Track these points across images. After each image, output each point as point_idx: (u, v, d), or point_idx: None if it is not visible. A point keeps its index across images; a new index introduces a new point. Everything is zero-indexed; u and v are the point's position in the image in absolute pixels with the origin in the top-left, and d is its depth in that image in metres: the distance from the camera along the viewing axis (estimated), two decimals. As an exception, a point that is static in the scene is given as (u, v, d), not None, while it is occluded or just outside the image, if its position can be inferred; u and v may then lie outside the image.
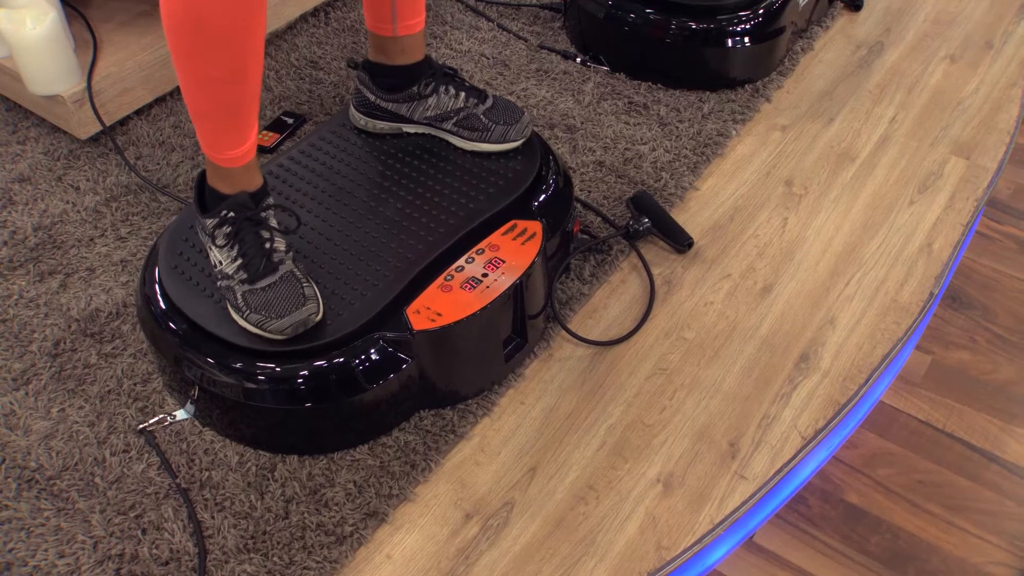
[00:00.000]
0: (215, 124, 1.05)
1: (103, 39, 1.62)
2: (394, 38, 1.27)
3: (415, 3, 1.25)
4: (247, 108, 1.05)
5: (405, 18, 1.25)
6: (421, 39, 1.29)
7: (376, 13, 1.25)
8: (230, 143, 1.06)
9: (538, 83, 1.74)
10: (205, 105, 1.03)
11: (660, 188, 1.53)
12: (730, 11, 1.70)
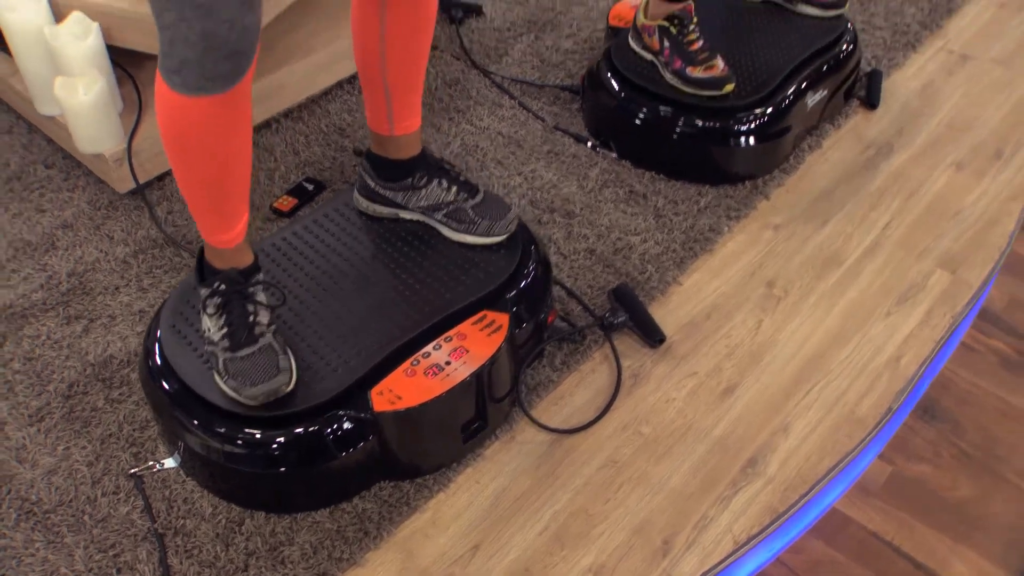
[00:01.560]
0: (205, 214, 1.17)
1: (148, 101, 1.78)
2: (391, 136, 1.38)
3: (410, 108, 1.36)
4: (232, 204, 1.17)
5: (400, 120, 1.37)
6: (416, 138, 1.40)
7: (375, 114, 1.37)
8: (219, 230, 1.19)
9: (547, 165, 1.84)
10: (195, 200, 1.16)
11: (644, 281, 1.61)
12: (737, 111, 1.77)
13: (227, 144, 1.09)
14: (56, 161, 1.85)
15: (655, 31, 1.80)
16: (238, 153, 1.12)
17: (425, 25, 1.28)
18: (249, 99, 1.08)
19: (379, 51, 1.29)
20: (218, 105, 1.03)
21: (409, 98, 1.35)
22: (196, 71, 0.99)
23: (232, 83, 1.01)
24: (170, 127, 1.06)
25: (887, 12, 2.29)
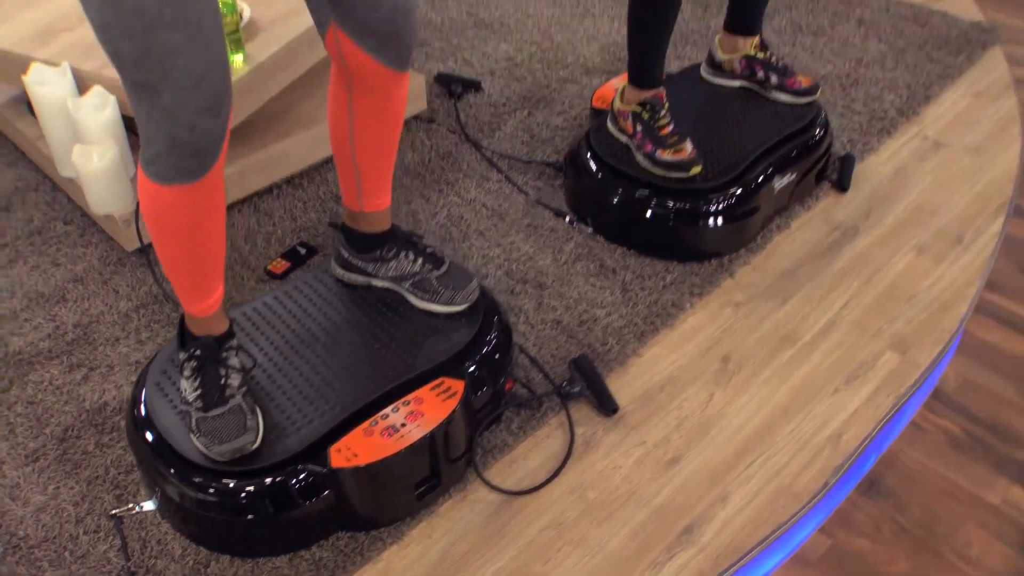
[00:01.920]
0: (182, 286, 1.30)
1: (159, 168, 1.93)
2: (361, 212, 1.51)
3: (379, 188, 1.49)
4: (206, 278, 1.30)
5: (370, 198, 1.49)
6: (386, 214, 1.53)
7: (347, 192, 1.50)
8: (195, 300, 1.32)
9: (526, 238, 1.96)
10: (172, 273, 1.29)
11: (605, 352, 1.71)
12: (706, 192, 1.88)
13: (199, 227, 1.22)
14: (74, 218, 2.01)
15: (629, 116, 1.92)
16: (210, 235, 1.25)
17: (390, 116, 1.41)
18: (220, 187, 1.22)
19: (349, 137, 1.43)
20: (189, 193, 1.16)
21: (378, 179, 1.48)
22: (167, 164, 1.12)
23: (199, 176, 1.15)
24: (148, 211, 1.20)
25: (867, 98, 2.40)
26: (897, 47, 2.62)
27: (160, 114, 1.06)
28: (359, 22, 1.26)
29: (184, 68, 1.03)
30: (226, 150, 1.18)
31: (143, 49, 1.00)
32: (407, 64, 1.35)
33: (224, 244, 1.31)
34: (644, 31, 1.82)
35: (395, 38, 1.29)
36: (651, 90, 1.89)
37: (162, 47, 1.00)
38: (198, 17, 1.02)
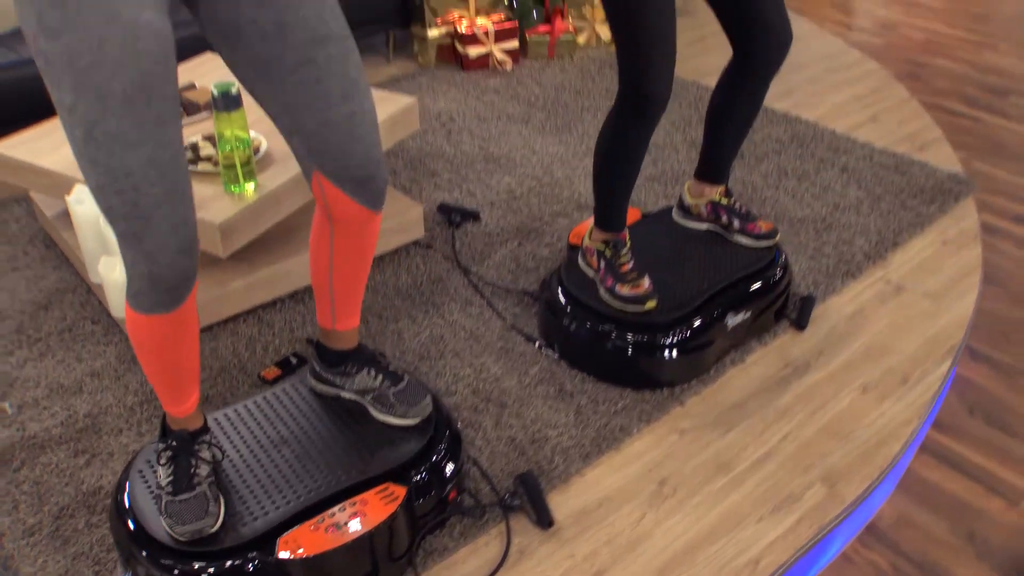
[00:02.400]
0: (161, 394, 1.52)
1: (176, 280, 2.18)
2: (333, 331, 1.72)
3: (350, 311, 1.70)
4: (181, 389, 1.51)
5: (341, 319, 1.71)
6: (354, 334, 1.74)
7: (322, 312, 1.71)
8: (172, 405, 1.53)
9: (496, 360, 2.14)
10: (152, 383, 1.51)
11: (551, 469, 1.86)
12: (661, 326, 2.05)
13: (174, 350, 1.44)
14: (100, 319, 2.26)
15: (595, 253, 2.12)
16: (183, 355, 1.47)
17: (364, 250, 1.63)
18: (192, 316, 1.43)
19: (328, 266, 1.65)
20: (165, 322, 1.38)
21: (349, 303, 1.69)
22: (147, 298, 1.35)
23: (174, 307, 1.37)
24: (132, 334, 1.42)
25: (838, 241, 2.57)
26: (875, 194, 2.79)
27: (143, 257, 1.29)
28: (336, 169, 1.49)
29: (164, 217, 1.26)
30: (197, 285, 1.40)
31: (131, 204, 1.24)
32: (380, 205, 1.57)
33: (197, 361, 1.52)
34: (607, 183, 2.03)
35: (369, 182, 1.52)
36: (614, 232, 2.09)
37: (146, 202, 1.24)
38: (174, 175, 1.26)
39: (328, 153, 1.45)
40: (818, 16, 4.54)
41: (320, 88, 1.38)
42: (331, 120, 1.41)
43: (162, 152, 1.23)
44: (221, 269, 2.21)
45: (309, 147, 1.45)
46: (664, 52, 1.81)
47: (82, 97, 1.16)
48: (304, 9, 1.34)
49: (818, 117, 3.31)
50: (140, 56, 1.17)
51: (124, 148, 1.19)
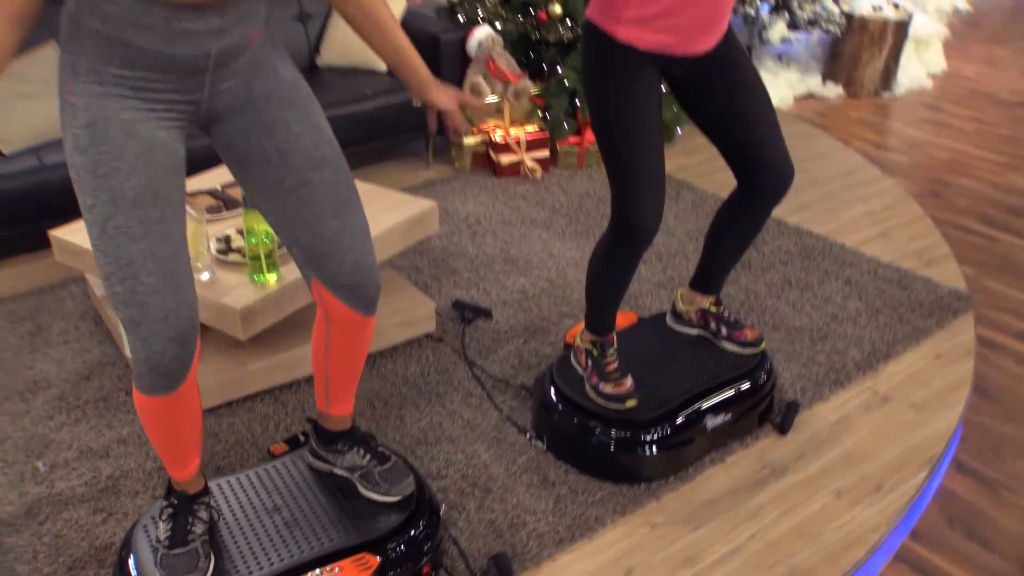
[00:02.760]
0: (165, 462, 1.70)
1: (203, 347, 2.40)
2: (327, 414, 1.90)
3: (344, 398, 1.88)
4: (182, 460, 1.69)
5: (335, 404, 1.88)
6: (348, 418, 1.91)
7: (319, 397, 1.89)
8: (174, 472, 1.71)
9: (487, 448, 2.29)
10: (157, 451, 1.69)
11: (524, 552, 1.98)
12: (642, 424, 2.17)
13: (173, 426, 1.63)
14: (134, 392, 2.48)
15: (584, 352, 2.27)
16: (184, 431, 1.65)
17: (358, 349, 1.81)
18: (190, 398, 1.61)
19: (324, 360, 1.84)
20: (164, 403, 1.57)
21: (343, 392, 1.87)
22: (147, 380, 1.54)
23: (170, 391, 1.56)
24: (138, 410, 1.62)
25: (831, 351, 2.67)
26: (874, 307, 2.90)
27: (140, 343, 1.49)
28: (329, 277, 1.69)
29: (159, 306, 1.46)
30: (195, 371, 1.59)
31: (131, 291, 1.44)
32: (372, 310, 1.76)
33: (197, 434, 1.70)
34: (597, 294, 2.19)
35: (360, 288, 1.72)
36: (602, 335, 2.25)
37: (143, 289, 1.45)
38: (172, 267, 1.47)
39: (322, 263, 1.65)
40: (847, 133, 4.71)
41: (315, 206, 1.60)
42: (323, 234, 1.62)
43: (162, 246, 1.44)
44: (242, 351, 2.42)
45: (306, 257, 1.66)
46: (650, 189, 1.97)
47: (99, 198, 1.39)
48: (303, 139, 1.57)
49: (829, 231, 3.44)
50: (151, 166, 1.40)
51: (129, 241, 1.41)
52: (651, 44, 1.92)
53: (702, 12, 1.91)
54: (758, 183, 2.13)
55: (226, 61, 1.45)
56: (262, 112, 1.54)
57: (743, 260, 3.20)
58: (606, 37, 1.92)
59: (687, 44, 1.95)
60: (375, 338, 2.61)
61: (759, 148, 2.08)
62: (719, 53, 2.04)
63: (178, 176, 1.46)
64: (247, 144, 1.55)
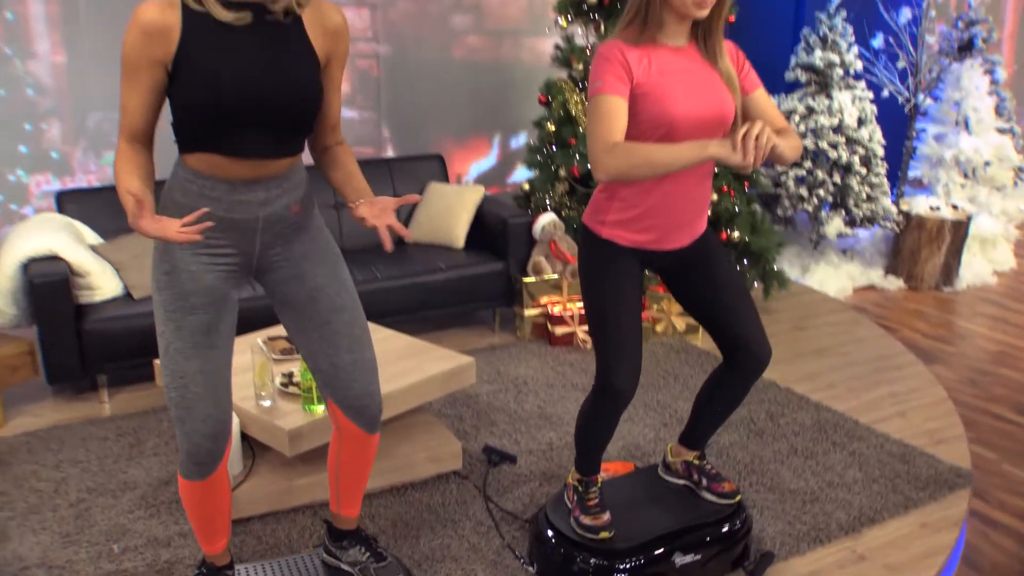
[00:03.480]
0: (197, 536, 2.14)
1: (258, 466, 2.86)
2: (337, 515, 2.31)
3: (351, 504, 2.29)
4: (212, 537, 2.13)
5: (344, 508, 2.29)
6: (354, 520, 2.31)
7: (332, 499, 2.31)
8: (204, 546, 2.14)
9: (485, 569, 2.61)
10: (193, 526, 2.14)
11: (494, 654, 2.27)
12: (616, 553, 2.46)
13: (205, 508, 2.08)
14: (202, 500, 2.95)
15: (572, 488, 2.61)
16: (214, 513, 2.10)
17: (363, 461, 2.24)
18: (221, 487, 2.06)
19: (336, 468, 2.27)
20: (197, 487, 2.04)
21: (351, 498, 2.28)
22: (186, 467, 2.01)
23: (203, 477, 2.02)
24: (180, 493, 2.08)
25: (819, 512, 2.88)
26: (871, 476, 3.10)
27: (184, 436, 1.97)
28: (343, 399, 2.14)
29: (200, 411, 1.95)
30: (225, 467, 2.05)
31: (181, 396, 1.94)
32: (374, 429, 2.20)
33: (226, 517, 2.14)
34: (584, 439, 2.54)
35: (365, 410, 2.16)
36: (587, 475, 2.58)
37: (190, 396, 1.94)
38: (215, 382, 1.96)
39: (336, 387, 2.12)
40: (899, 322, 4.94)
41: (333, 342, 2.08)
42: (338, 364, 2.09)
43: (208, 367, 1.94)
44: (289, 467, 2.88)
45: (324, 381, 2.13)
46: (626, 358, 2.34)
47: (167, 327, 1.91)
48: (328, 289, 2.07)
49: (848, 408, 3.68)
50: (207, 308, 1.92)
51: (184, 360, 1.92)
52: (631, 242, 2.36)
53: (676, 215, 2.34)
54: (738, 361, 2.48)
55: (271, 225, 1.98)
56: (299, 266, 2.06)
57: (755, 428, 3.47)
58: (593, 235, 2.39)
59: (664, 242, 2.37)
60: (406, 469, 3.02)
61: (736, 333, 2.44)
62: (697, 247, 2.45)
63: (229, 315, 1.97)
64: (286, 290, 2.07)
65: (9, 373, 3.47)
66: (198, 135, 1.81)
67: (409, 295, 4.29)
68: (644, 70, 2.18)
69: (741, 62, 2.33)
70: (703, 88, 2.22)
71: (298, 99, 1.84)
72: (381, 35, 5.51)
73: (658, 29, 2.21)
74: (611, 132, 2.13)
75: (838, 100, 5.36)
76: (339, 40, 1.92)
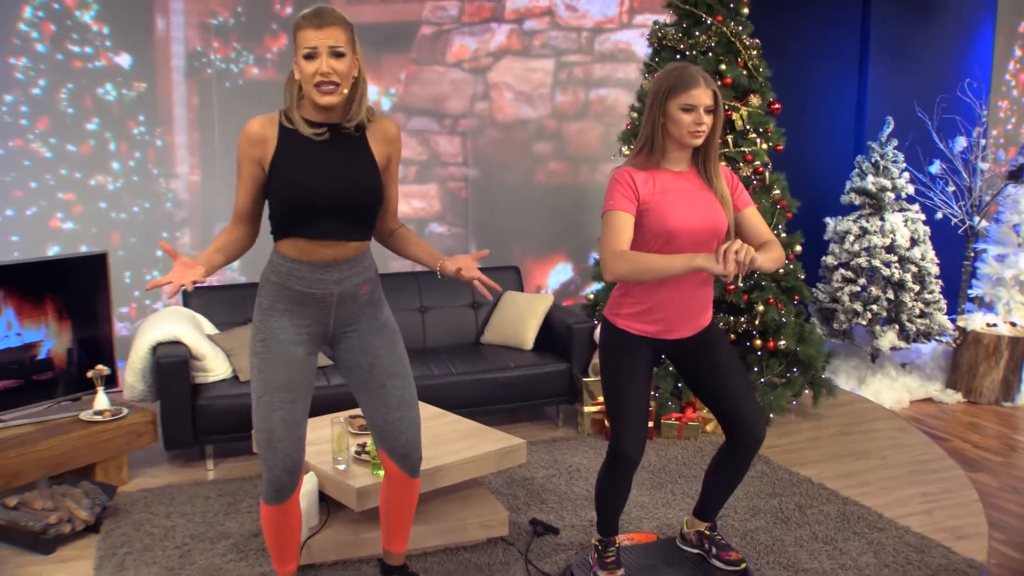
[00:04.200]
0: (271, 556, 2.63)
1: (333, 516, 3.35)
2: (387, 551, 2.76)
3: (399, 540, 2.75)
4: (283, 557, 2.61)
5: (392, 544, 2.75)
6: (400, 556, 2.76)
7: (384, 536, 2.77)
8: (277, 566, 2.63)
9: (516, 614, 2.99)
10: (268, 547, 2.62)
11: None
12: (629, 606, 2.82)
13: (279, 531, 2.57)
14: (284, 550, 3.44)
15: (593, 547, 2.99)
16: (286, 536, 2.59)
17: (407, 501, 2.70)
18: (292, 514, 2.56)
19: (385, 505, 2.74)
20: (273, 511, 2.54)
21: (398, 536, 2.74)
22: (266, 494, 2.52)
23: (280, 503, 2.52)
24: (261, 517, 2.59)
25: (827, 590, 3.16)
26: (884, 562, 3.35)
27: (267, 470, 2.49)
28: (391, 448, 2.64)
29: (280, 450, 2.47)
30: (297, 497, 2.55)
31: (266, 439, 2.47)
32: (416, 473, 2.68)
33: (295, 543, 2.62)
34: (601, 502, 2.95)
35: (407, 457, 2.65)
36: (606, 535, 2.97)
37: (273, 439, 2.46)
38: (292, 428, 2.48)
39: (385, 438, 2.63)
40: (951, 433, 5.11)
41: (386, 401, 2.59)
42: (389, 419, 2.60)
43: (289, 416, 2.48)
44: (358, 523, 3.35)
45: (376, 433, 2.64)
46: (633, 428, 2.78)
47: (258, 383, 2.47)
48: (385, 359, 2.60)
49: (875, 504, 3.92)
50: (291, 370, 2.47)
51: (270, 411, 2.46)
52: (641, 331, 2.82)
53: (680, 311, 2.80)
54: (736, 438, 2.88)
55: (344, 300, 2.53)
56: (364, 339, 2.59)
57: (782, 516, 3.76)
58: (611, 325, 2.86)
59: (670, 332, 2.83)
60: (459, 532, 3.45)
61: (734, 414, 2.85)
62: (702, 336, 2.90)
63: (308, 375, 2.52)
64: (352, 357, 2.60)
65: (135, 439, 4.11)
66: (286, 223, 2.41)
67: (481, 389, 4.78)
68: (649, 190, 2.68)
69: (735, 184, 2.81)
70: (699, 205, 2.71)
71: (363, 195, 2.43)
72: (471, 160, 6.22)
73: (662, 156, 2.73)
74: (618, 242, 2.63)
75: (890, 221, 5.71)
76: (394, 145, 2.53)
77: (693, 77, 2.65)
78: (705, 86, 2.65)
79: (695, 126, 2.63)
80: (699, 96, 2.63)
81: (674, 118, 2.65)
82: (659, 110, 2.68)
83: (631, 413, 2.77)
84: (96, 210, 5.33)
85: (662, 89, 2.68)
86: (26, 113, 5.10)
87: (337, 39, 2.32)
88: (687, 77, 2.65)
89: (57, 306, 4.16)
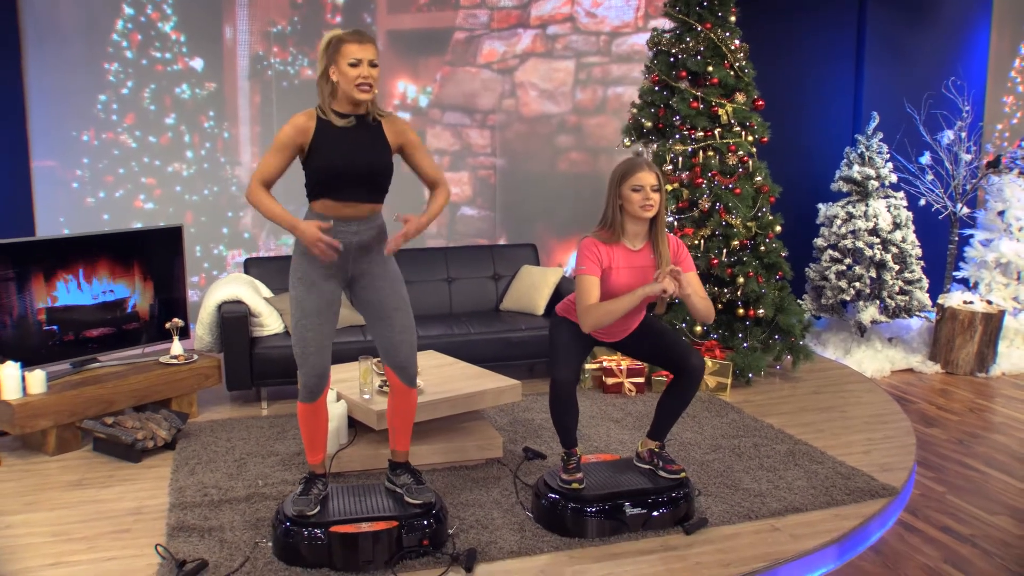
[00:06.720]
0: (305, 448, 3.42)
1: (359, 435, 4.14)
2: (393, 450, 3.54)
3: (401, 441, 3.52)
4: (314, 448, 3.39)
5: (396, 444, 3.52)
6: (404, 453, 3.53)
7: (391, 438, 3.55)
8: (310, 456, 3.42)
9: (500, 513, 3.73)
10: (303, 440, 3.42)
11: (491, 546, 3.38)
12: (586, 501, 3.55)
13: (311, 425, 3.35)
14: (320, 464, 4.25)
15: (560, 459, 3.72)
16: (316, 430, 3.37)
17: (407, 407, 3.46)
18: (322, 410, 3.34)
19: (391, 413, 3.51)
20: (308, 409, 3.32)
21: (401, 436, 3.50)
22: (302, 394, 3.31)
23: (312, 401, 3.31)
24: (297, 414, 3.38)
25: (758, 503, 3.83)
26: (813, 484, 4.00)
27: (303, 375, 3.28)
28: (393, 362, 3.40)
29: (313, 360, 3.25)
30: (325, 396, 3.34)
31: (302, 352, 3.24)
32: (413, 384, 3.44)
33: (324, 436, 3.41)
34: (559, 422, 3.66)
35: (405, 370, 3.42)
36: (568, 447, 3.69)
37: (307, 352, 3.24)
38: (321, 344, 3.25)
39: (389, 354, 3.40)
40: (920, 396, 5.68)
41: (390, 327, 3.37)
42: (391, 340, 3.38)
43: (317, 334, 3.27)
44: (377, 441, 4.13)
45: (383, 352, 3.42)
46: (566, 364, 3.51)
47: (296, 310, 3.27)
48: (390, 296, 3.36)
49: (823, 446, 4.56)
50: (320, 299, 3.26)
51: (305, 329, 3.25)
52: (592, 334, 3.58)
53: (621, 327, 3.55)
54: (684, 371, 3.59)
55: (358, 248, 3.30)
56: (374, 280, 3.36)
57: (737, 451, 4.43)
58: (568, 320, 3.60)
59: (614, 337, 3.58)
60: (459, 452, 4.21)
61: (674, 358, 3.57)
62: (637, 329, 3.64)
63: (335, 304, 3.30)
64: (365, 295, 3.38)
65: (203, 379, 4.97)
66: (320, 188, 3.20)
67: (496, 347, 5.53)
68: (607, 261, 3.43)
69: (682, 254, 3.54)
70: (642, 279, 3.45)
71: (377, 169, 3.21)
72: (499, 151, 6.97)
73: (622, 232, 3.47)
74: (589, 298, 3.40)
75: (873, 207, 6.30)
76: (403, 134, 3.29)
77: (639, 164, 3.43)
78: (649, 170, 3.42)
79: (644, 201, 3.38)
80: (644, 178, 3.39)
81: (627, 198, 3.41)
82: (615, 193, 3.45)
83: (571, 354, 3.51)
84: (172, 193, 6.24)
85: (616, 176, 3.46)
86: (116, 110, 6.03)
87: (374, 54, 3.15)
88: (634, 165, 3.43)
89: (142, 269, 5.04)
